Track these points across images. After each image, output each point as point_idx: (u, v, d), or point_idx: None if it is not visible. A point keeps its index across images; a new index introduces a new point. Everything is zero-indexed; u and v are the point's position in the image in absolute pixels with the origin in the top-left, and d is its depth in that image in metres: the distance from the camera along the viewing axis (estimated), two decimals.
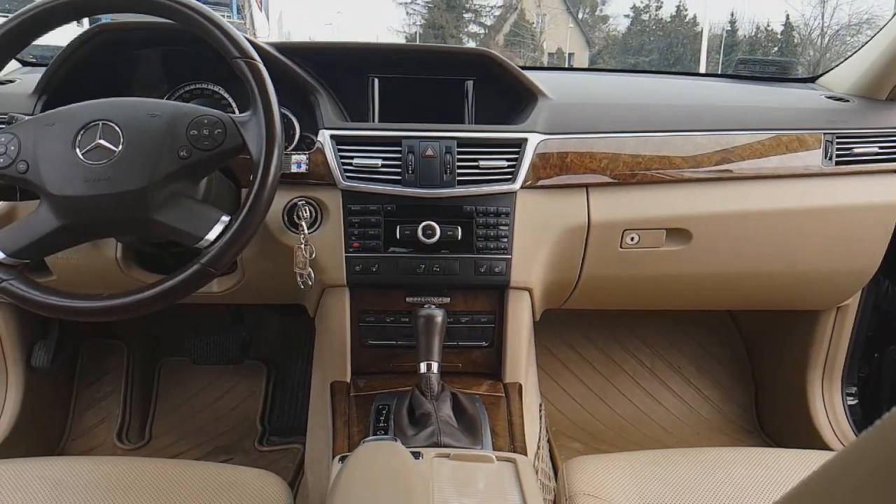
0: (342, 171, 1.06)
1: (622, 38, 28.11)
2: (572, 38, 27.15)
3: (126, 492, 0.85)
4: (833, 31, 19.38)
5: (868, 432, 0.28)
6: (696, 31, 25.14)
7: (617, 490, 0.87)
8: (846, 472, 0.28)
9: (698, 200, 1.13)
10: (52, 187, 0.83)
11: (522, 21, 27.00)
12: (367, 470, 0.62)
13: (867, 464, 0.27)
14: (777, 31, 22.95)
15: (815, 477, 0.31)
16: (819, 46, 19.27)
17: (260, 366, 1.77)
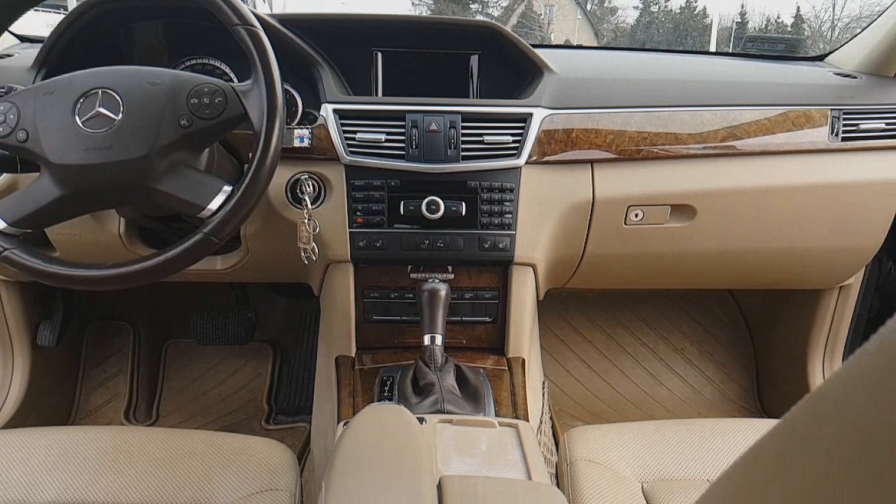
0: (345, 146, 1.05)
1: (630, 29, 27.92)
2: (580, 29, 26.97)
3: (132, 459, 0.86)
4: (844, 24, 19.27)
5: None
6: (706, 23, 24.94)
7: (617, 457, 0.87)
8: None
9: (704, 176, 1.12)
10: (52, 156, 0.83)
11: (530, 12, 26.83)
12: (370, 430, 0.62)
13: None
14: (787, 24, 22.82)
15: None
16: (829, 39, 19.16)
17: (266, 347, 1.78)
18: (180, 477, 0.84)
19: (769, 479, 0.31)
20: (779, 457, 0.31)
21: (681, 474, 0.88)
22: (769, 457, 0.31)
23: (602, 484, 0.84)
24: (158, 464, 0.86)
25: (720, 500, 0.35)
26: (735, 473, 0.34)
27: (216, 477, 0.84)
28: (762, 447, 0.32)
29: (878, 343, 0.27)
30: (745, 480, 0.33)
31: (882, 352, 0.25)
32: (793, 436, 0.30)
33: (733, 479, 0.34)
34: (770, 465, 0.31)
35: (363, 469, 0.56)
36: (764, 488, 0.31)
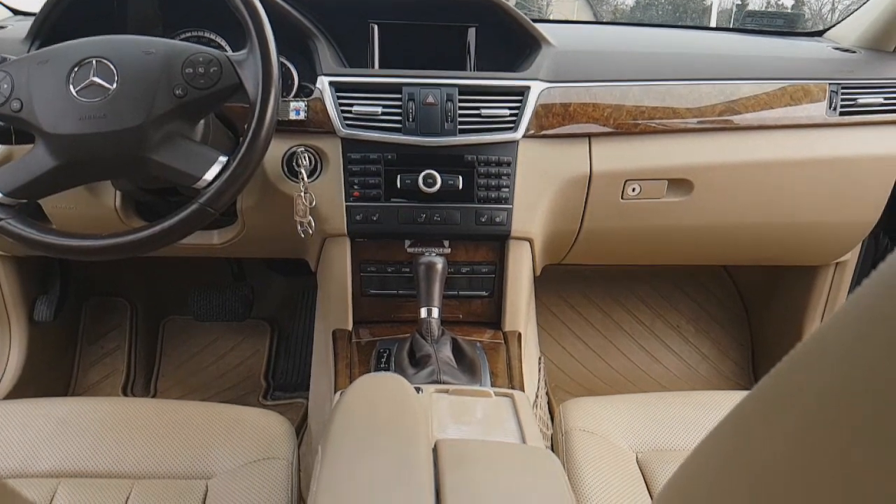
0: (341, 119, 1.05)
1: (630, 11, 27.65)
2: (579, 10, 26.72)
3: (131, 429, 0.86)
4: (844, 6, 19.16)
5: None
6: (706, 5, 24.70)
7: (612, 427, 0.88)
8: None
9: (701, 151, 1.12)
10: (46, 125, 0.83)
11: None
12: (367, 397, 0.62)
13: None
14: (787, 6, 22.70)
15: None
16: (829, 22, 19.07)
17: (263, 324, 1.78)
18: (178, 446, 0.85)
19: (755, 428, 0.31)
20: (766, 405, 0.31)
21: (675, 445, 0.89)
22: (756, 407, 0.32)
23: (597, 453, 0.85)
24: (157, 433, 0.86)
25: (711, 453, 0.36)
26: (724, 427, 0.35)
27: (214, 446, 0.85)
28: (750, 398, 0.33)
29: (867, 288, 0.27)
30: (735, 430, 0.33)
31: (872, 293, 0.26)
32: (780, 385, 0.30)
33: (723, 431, 0.35)
34: (757, 415, 0.31)
35: (359, 432, 0.56)
36: (749, 438, 0.32)
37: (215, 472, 0.83)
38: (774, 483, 0.28)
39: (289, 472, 0.82)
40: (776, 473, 0.28)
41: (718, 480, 0.33)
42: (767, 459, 0.29)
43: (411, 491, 0.48)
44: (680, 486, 0.37)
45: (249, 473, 0.81)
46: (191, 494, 0.80)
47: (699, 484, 0.36)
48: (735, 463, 0.33)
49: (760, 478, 0.29)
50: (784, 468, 0.28)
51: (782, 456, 0.28)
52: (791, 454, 0.28)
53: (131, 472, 0.82)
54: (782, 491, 0.28)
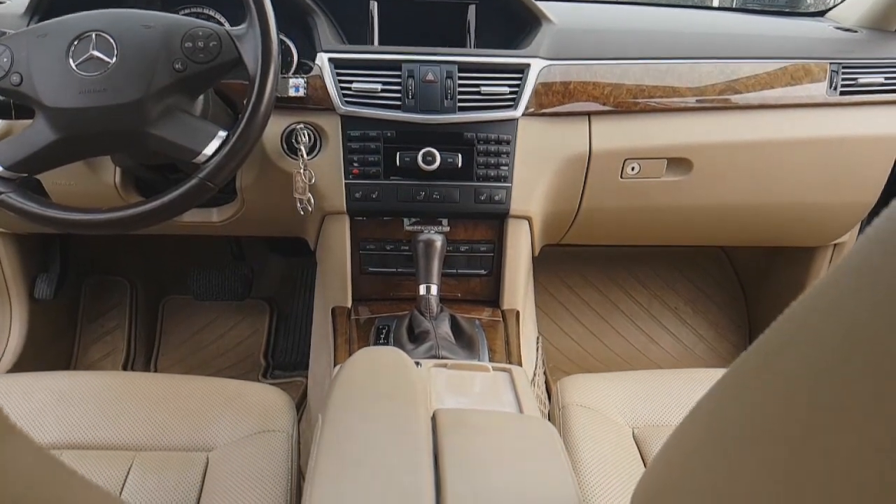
0: (341, 96, 1.05)
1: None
2: None
3: (131, 402, 0.87)
4: None
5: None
6: None
7: (609, 404, 0.89)
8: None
9: (701, 130, 1.12)
10: (46, 99, 0.83)
11: None
12: (366, 368, 0.63)
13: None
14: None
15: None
16: (831, 2, 18.99)
17: (262, 304, 1.78)
18: (179, 419, 0.86)
19: (751, 380, 0.32)
20: (763, 358, 0.31)
21: (672, 421, 0.89)
22: (753, 361, 0.32)
23: (594, 428, 0.85)
24: (157, 407, 0.87)
25: (709, 409, 0.36)
26: (721, 383, 0.35)
27: (214, 419, 0.86)
28: (746, 353, 0.33)
29: (865, 241, 0.27)
30: (732, 385, 0.34)
31: (869, 246, 0.26)
32: (777, 338, 0.31)
33: (720, 387, 0.35)
34: (754, 368, 0.32)
35: (358, 401, 0.57)
36: (745, 390, 0.32)
37: (216, 444, 0.84)
38: (771, 433, 0.29)
39: (288, 445, 0.83)
40: (773, 423, 0.29)
41: (716, 433, 0.34)
42: (764, 408, 0.30)
43: (410, 454, 0.48)
44: (680, 439, 0.38)
45: (250, 445, 0.82)
46: (192, 466, 0.81)
47: (697, 437, 0.36)
48: (732, 415, 0.33)
49: (758, 426, 0.30)
50: (780, 418, 0.28)
51: (778, 406, 0.29)
52: (787, 404, 0.28)
53: (132, 444, 0.83)
54: (780, 440, 0.28)
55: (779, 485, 0.28)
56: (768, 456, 0.30)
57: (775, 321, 0.33)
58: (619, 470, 0.79)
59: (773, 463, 0.29)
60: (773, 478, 0.29)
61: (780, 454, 0.29)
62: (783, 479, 0.28)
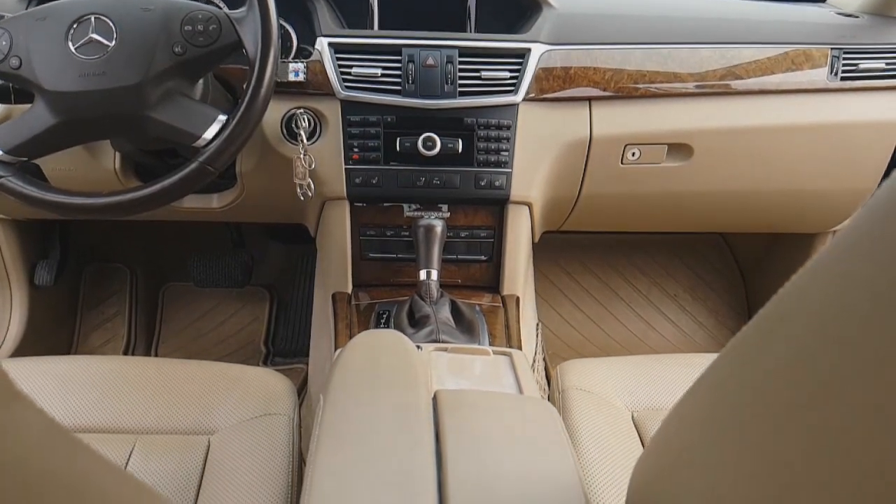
0: (341, 81, 1.04)
1: None
2: None
3: (132, 386, 0.87)
4: None
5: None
6: None
7: (608, 388, 0.89)
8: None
9: (701, 115, 1.12)
10: (46, 83, 0.83)
11: None
12: (367, 349, 0.63)
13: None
14: None
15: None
16: None
17: (262, 291, 1.79)
18: (180, 403, 0.86)
19: (753, 350, 0.32)
20: (763, 332, 0.32)
21: (671, 404, 0.89)
22: (753, 335, 0.32)
23: (593, 411, 0.86)
24: (158, 390, 0.87)
25: (711, 381, 0.37)
26: (722, 356, 0.36)
27: (216, 403, 0.86)
28: (746, 328, 0.33)
29: (865, 212, 0.27)
30: (733, 356, 0.34)
31: (869, 217, 0.26)
32: (777, 311, 0.31)
33: (722, 359, 0.35)
34: (755, 338, 0.32)
35: (360, 381, 0.57)
36: (746, 361, 0.32)
37: (217, 427, 0.84)
38: (771, 406, 0.29)
39: (290, 428, 0.83)
40: (773, 396, 0.29)
41: (716, 407, 0.34)
42: (765, 381, 0.30)
43: (411, 433, 0.49)
44: (679, 416, 0.38)
45: (251, 429, 0.83)
46: (193, 449, 0.81)
47: (697, 413, 0.36)
48: (732, 390, 0.33)
49: (758, 399, 0.30)
50: (781, 391, 0.29)
51: (778, 378, 0.29)
52: (788, 377, 0.28)
53: (134, 428, 0.83)
54: (781, 409, 0.28)
55: (777, 458, 0.28)
56: (768, 430, 0.30)
57: (775, 295, 0.33)
58: (618, 452, 0.79)
59: (772, 437, 0.29)
60: (773, 451, 0.29)
61: (779, 428, 0.29)
62: (782, 452, 0.28)
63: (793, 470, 0.27)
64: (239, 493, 0.74)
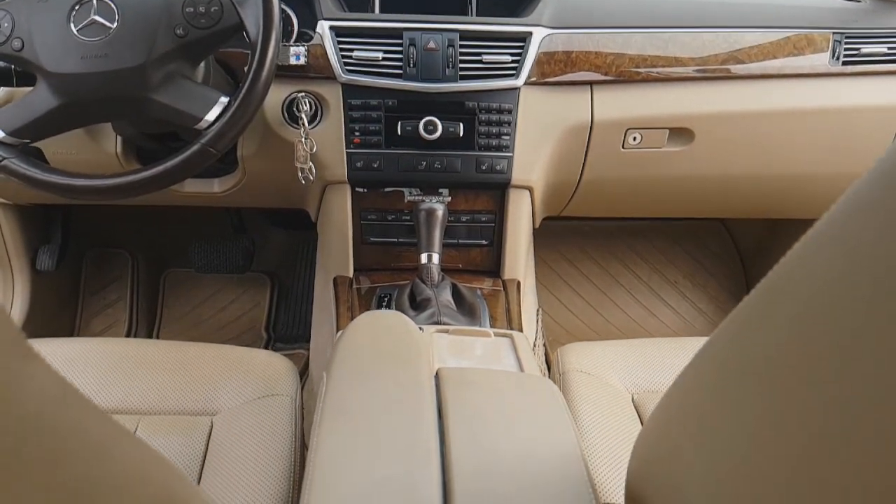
0: (342, 64, 1.04)
1: None
2: None
3: (136, 368, 0.88)
4: None
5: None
6: None
7: (608, 370, 0.90)
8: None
9: (703, 99, 1.12)
10: (48, 64, 0.83)
11: None
12: (370, 329, 0.63)
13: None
14: None
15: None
16: None
17: (263, 277, 1.79)
18: (183, 384, 0.87)
19: (754, 322, 0.32)
20: (763, 302, 0.32)
21: None
22: (754, 304, 0.33)
23: (594, 393, 0.86)
24: (161, 372, 0.88)
25: (713, 352, 0.37)
26: (724, 328, 0.36)
27: (218, 384, 0.87)
28: (746, 300, 0.34)
29: (865, 180, 0.28)
30: (735, 328, 0.34)
31: (870, 185, 0.26)
32: (780, 279, 0.31)
33: (723, 331, 0.36)
34: (757, 309, 0.32)
35: (363, 360, 0.58)
36: (748, 333, 0.33)
37: (220, 408, 0.85)
38: (771, 373, 0.29)
39: (292, 409, 0.84)
40: (772, 366, 0.29)
41: (717, 376, 0.34)
42: (765, 349, 0.30)
43: (414, 408, 0.49)
44: (679, 390, 0.39)
45: (254, 409, 0.83)
46: (196, 430, 0.81)
47: (699, 382, 0.37)
48: (731, 362, 0.34)
49: (759, 369, 0.30)
50: (781, 360, 0.29)
51: (779, 345, 0.29)
52: (787, 345, 0.29)
53: (137, 409, 0.84)
54: (781, 381, 0.29)
55: (777, 430, 0.28)
56: (767, 402, 0.30)
57: (774, 268, 0.33)
58: (619, 433, 0.80)
59: (771, 409, 0.30)
60: (771, 424, 0.29)
61: (778, 400, 0.29)
62: (781, 424, 0.28)
63: (791, 442, 0.27)
64: (242, 472, 0.75)
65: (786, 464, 0.28)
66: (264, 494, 0.72)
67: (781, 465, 0.28)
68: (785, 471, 0.28)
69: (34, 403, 0.23)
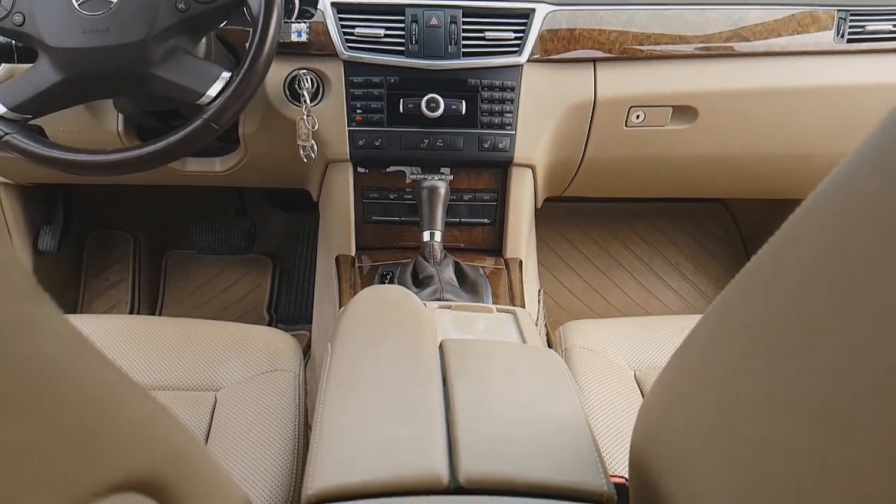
0: (344, 41, 1.04)
1: None
2: None
3: (139, 344, 0.88)
4: None
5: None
6: None
7: (611, 346, 0.90)
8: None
9: (706, 77, 1.11)
10: (49, 39, 0.82)
11: None
12: (373, 301, 0.63)
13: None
14: None
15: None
16: None
17: (265, 259, 1.79)
18: (187, 360, 0.87)
19: (755, 287, 0.32)
20: (760, 270, 0.32)
21: None
22: (754, 271, 0.33)
23: (596, 368, 0.87)
24: (164, 348, 0.88)
25: (716, 320, 0.37)
26: (720, 300, 0.36)
27: (222, 360, 0.87)
28: (745, 269, 0.34)
29: (864, 148, 0.28)
30: (731, 296, 0.34)
31: (870, 151, 0.26)
32: (775, 247, 0.31)
33: (720, 302, 0.36)
34: (756, 279, 0.32)
35: (367, 329, 0.58)
36: (745, 299, 0.33)
37: (223, 384, 0.85)
38: (773, 338, 0.29)
39: (296, 384, 0.84)
40: (775, 328, 0.29)
41: (716, 343, 0.35)
42: (765, 317, 0.30)
43: (419, 372, 0.49)
44: (681, 355, 0.39)
45: (257, 385, 0.84)
46: (200, 405, 0.82)
47: (699, 349, 0.37)
48: (730, 326, 0.34)
49: (760, 333, 0.30)
50: (780, 325, 0.29)
51: (778, 311, 0.29)
52: (789, 308, 0.29)
53: (141, 384, 0.84)
54: (781, 345, 0.29)
55: (775, 392, 0.29)
56: (766, 365, 0.30)
57: (774, 235, 0.33)
58: (622, 407, 0.80)
59: (772, 370, 0.30)
60: (770, 386, 0.29)
61: (779, 361, 0.29)
62: (784, 383, 0.28)
63: (792, 403, 0.27)
64: (246, 445, 0.75)
65: (782, 423, 0.28)
66: (268, 467, 0.73)
67: (782, 426, 0.28)
68: (780, 429, 0.28)
69: (47, 344, 0.24)
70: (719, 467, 0.33)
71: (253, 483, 0.71)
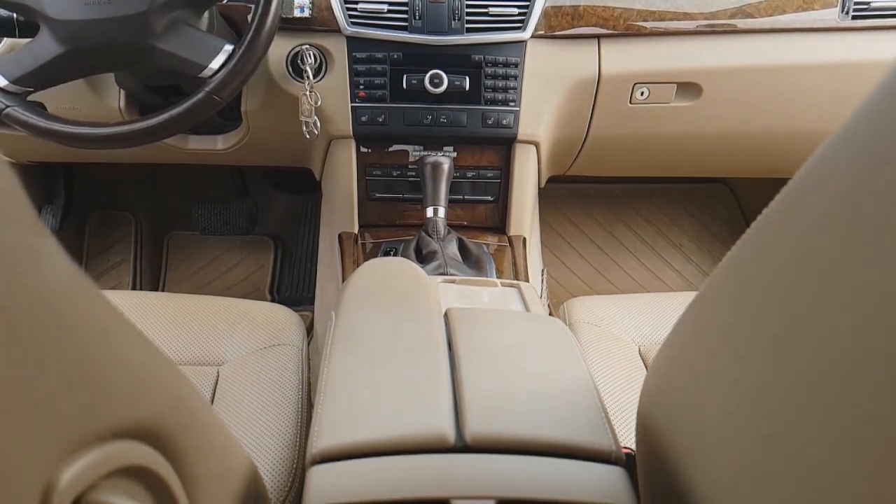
0: (346, 16, 1.03)
1: None
2: None
3: (141, 319, 0.88)
4: None
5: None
6: None
7: (615, 322, 0.90)
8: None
9: (711, 54, 1.10)
10: (51, 11, 0.82)
11: None
12: (377, 271, 0.63)
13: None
14: None
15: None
16: None
17: (267, 240, 1.79)
18: (189, 335, 0.87)
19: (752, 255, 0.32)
20: (757, 242, 0.32)
21: None
22: (752, 239, 0.32)
23: (601, 343, 0.87)
24: (167, 324, 0.88)
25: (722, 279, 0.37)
26: (718, 271, 0.36)
27: (224, 335, 0.87)
28: (743, 239, 0.33)
29: (868, 102, 0.27)
30: (729, 266, 0.34)
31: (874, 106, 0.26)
32: (771, 219, 0.31)
33: (718, 273, 0.36)
34: (752, 249, 0.32)
35: (372, 297, 0.58)
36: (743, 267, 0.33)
37: (226, 358, 0.85)
38: (778, 298, 0.29)
39: (299, 358, 0.84)
40: (780, 288, 0.29)
41: (727, 302, 0.34)
42: (773, 272, 0.30)
43: (425, 338, 0.49)
44: (682, 325, 0.39)
45: (260, 359, 0.84)
46: (203, 379, 0.82)
47: (699, 317, 0.37)
48: (731, 294, 0.34)
49: (765, 294, 0.30)
50: (788, 283, 0.29)
51: (778, 276, 0.29)
52: (787, 273, 0.29)
53: None
54: (783, 310, 0.29)
55: (777, 361, 0.28)
56: (773, 321, 0.30)
57: (770, 204, 0.33)
58: (626, 381, 0.80)
59: (777, 327, 0.30)
60: (773, 355, 0.29)
61: (784, 319, 0.29)
62: (790, 341, 0.28)
63: (791, 369, 0.27)
64: (249, 418, 0.76)
65: (784, 392, 0.28)
66: (271, 438, 0.73)
67: (789, 384, 0.28)
68: (782, 398, 0.28)
69: (50, 276, 0.23)
70: (723, 430, 0.33)
71: (256, 453, 0.71)
